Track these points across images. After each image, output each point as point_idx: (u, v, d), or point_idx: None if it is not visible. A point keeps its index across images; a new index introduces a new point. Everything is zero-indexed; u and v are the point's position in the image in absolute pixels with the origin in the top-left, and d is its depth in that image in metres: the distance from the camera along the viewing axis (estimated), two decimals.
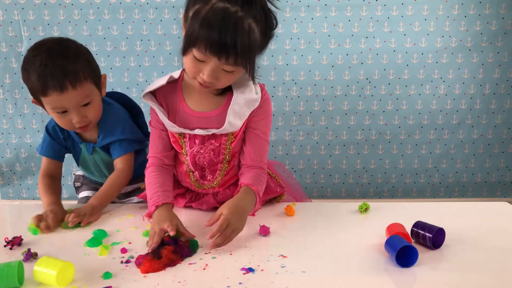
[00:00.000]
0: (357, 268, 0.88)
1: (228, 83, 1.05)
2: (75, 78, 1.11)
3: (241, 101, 1.08)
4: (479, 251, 0.94)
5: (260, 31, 0.97)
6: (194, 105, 1.12)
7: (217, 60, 0.95)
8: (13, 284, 0.81)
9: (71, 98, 1.12)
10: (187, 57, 1.00)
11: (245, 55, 0.95)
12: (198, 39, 0.94)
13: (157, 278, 0.85)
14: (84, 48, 1.21)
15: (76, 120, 1.16)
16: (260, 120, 1.13)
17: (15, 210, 1.23)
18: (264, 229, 1.02)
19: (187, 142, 1.13)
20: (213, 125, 1.11)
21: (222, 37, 0.91)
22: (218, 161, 1.16)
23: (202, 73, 0.98)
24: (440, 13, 2.10)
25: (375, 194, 2.34)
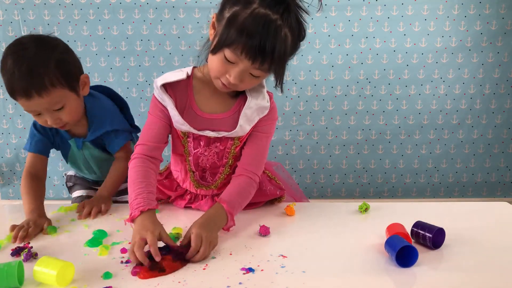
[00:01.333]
0: (357, 268, 0.88)
1: (248, 87, 1.07)
2: (41, 86, 1.08)
3: (253, 106, 1.09)
4: (479, 251, 0.94)
5: (292, 41, 0.99)
6: (203, 105, 1.11)
7: (250, 64, 0.96)
8: (13, 284, 0.81)
9: (38, 104, 1.11)
10: (216, 56, 1.00)
11: (279, 63, 0.98)
12: (235, 42, 0.94)
13: (157, 278, 0.85)
14: (62, 49, 1.17)
15: (50, 123, 1.16)
16: (265, 125, 1.14)
17: (15, 210, 1.23)
18: (264, 229, 1.02)
19: (191, 143, 1.13)
20: (221, 128, 1.10)
21: (262, 43, 0.93)
22: (221, 164, 1.16)
23: (229, 74, 0.99)
24: (440, 13, 2.10)
25: (375, 194, 2.34)
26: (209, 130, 1.10)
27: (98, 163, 1.35)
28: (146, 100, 2.21)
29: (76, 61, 1.21)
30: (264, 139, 1.15)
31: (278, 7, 0.94)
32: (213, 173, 1.17)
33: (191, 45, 2.14)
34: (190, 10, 2.11)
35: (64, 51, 1.17)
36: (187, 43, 2.14)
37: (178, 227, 1.07)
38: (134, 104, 2.21)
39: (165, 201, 1.25)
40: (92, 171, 1.38)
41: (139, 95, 2.21)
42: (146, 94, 2.20)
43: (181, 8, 2.11)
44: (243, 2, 0.95)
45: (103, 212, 1.16)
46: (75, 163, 1.36)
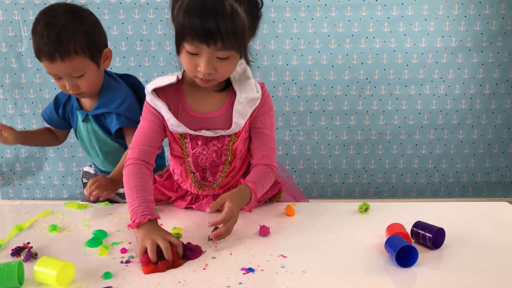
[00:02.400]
0: (357, 268, 0.88)
1: (227, 73, 1.03)
2: (65, 52, 1.16)
3: (244, 100, 1.08)
4: (479, 251, 0.94)
5: (245, 11, 0.95)
6: (196, 106, 1.10)
7: (207, 47, 0.93)
8: (13, 284, 0.81)
9: (60, 68, 1.18)
10: (182, 54, 0.99)
11: (232, 37, 0.93)
12: (185, 32, 0.93)
13: (157, 278, 0.85)
14: (91, 21, 1.24)
15: (68, 87, 1.22)
16: (264, 118, 1.13)
17: (15, 210, 1.23)
18: (264, 229, 1.02)
19: (188, 143, 1.12)
20: (217, 126, 1.10)
21: (204, 23, 0.90)
22: (220, 162, 1.15)
23: (199, 66, 0.97)
24: (440, 13, 2.10)
25: (375, 194, 2.34)
26: (205, 130, 1.09)
27: (100, 144, 1.38)
28: None
29: (102, 35, 1.28)
30: (267, 132, 1.14)
31: None
32: (214, 172, 1.17)
33: None
34: None
35: (93, 23, 1.24)
36: None
37: (178, 227, 1.07)
38: None
39: (165, 202, 1.25)
40: (94, 150, 1.40)
41: None
42: None
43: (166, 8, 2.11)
44: None
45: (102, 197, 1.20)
46: (81, 137, 1.41)
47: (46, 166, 2.32)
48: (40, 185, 2.35)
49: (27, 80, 2.19)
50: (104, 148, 1.39)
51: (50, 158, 2.31)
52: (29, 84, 2.19)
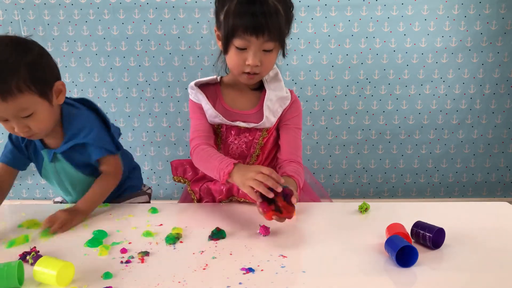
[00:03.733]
0: (357, 268, 0.88)
1: (269, 66, 1.16)
2: (6, 90, 1.00)
3: (273, 97, 1.21)
4: (479, 251, 0.94)
5: (283, 10, 1.10)
6: (232, 103, 1.24)
7: (255, 39, 1.07)
8: (13, 284, 0.81)
9: (3, 110, 1.03)
10: (230, 52, 1.12)
11: (276, 30, 1.08)
12: (236, 28, 1.07)
13: (157, 278, 0.85)
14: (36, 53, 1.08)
15: (17, 130, 1.07)
16: (293, 118, 1.25)
17: (15, 210, 1.23)
18: (264, 229, 1.02)
19: (224, 132, 1.24)
20: (250, 120, 1.22)
21: (254, 18, 1.05)
22: (248, 154, 1.26)
23: (247, 60, 1.10)
24: (440, 13, 2.10)
25: (375, 194, 2.34)
26: (240, 121, 1.22)
27: (72, 181, 1.26)
28: (146, 100, 2.21)
29: (52, 67, 1.12)
30: (295, 131, 1.25)
31: None
32: None
33: (191, 45, 2.14)
34: (190, 10, 2.11)
35: (38, 55, 1.08)
36: (187, 43, 2.14)
37: (178, 227, 1.07)
38: (134, 104, 2.22)
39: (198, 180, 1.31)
40: (65, 189, 1.28)
41: (139, 95, 2.21)
42: (146, 94, 2.20)
43: (181, 8, 2.11)
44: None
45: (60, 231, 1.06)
46: (48, 178, 1.27)
47: None
48: (40, 185, 2.35)
49: None
50: (77, 184, 1.27)
51: None
52: None
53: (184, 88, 2.18)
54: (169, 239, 1.00)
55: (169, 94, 2.19)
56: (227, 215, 1.18)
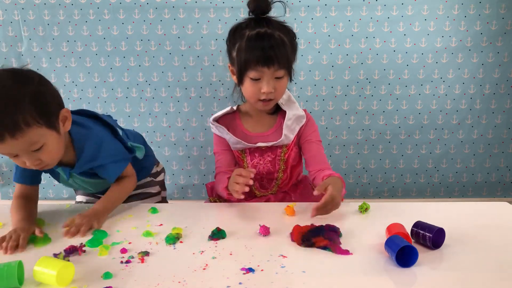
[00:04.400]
0: (357, 268, 0.88)
1: (282, 91, 1.28)
2: (14, 126, 0.97)
3: (292, 117, 1.33)
4: (479, 251, 0.94)
5: (288, 40, 1.23)
6: (251, 128, 1.37)
7: (268, 69, 1.20)
8: (13, 284, 0.81)
9: (13, 146, 1.00)
10: (245, 84, 1.25)
11: (284, 58, 1.21)
12: (249, 62, 1.20)
13: (157, 278, 0.85)
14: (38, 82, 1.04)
15: (29, 164, 1.05)
16: (312, 133, 1.37)
17: None
18: (264, 229, 1.02)
19: (248, 156, 1.36)
20: (269, 140, 1.34)
21: (265, 51, 1.18)
22: (275, 170, 1.37)
23: (262, 88, 1.22)
24: (440, 13, 2.10)
25: (375, 194, 2.34)
26: (260, 142, 1.33)
27: (93, 185, 1.29)
28: (146, 100, 2.20)
29: (55, 94, 1.08)
30: (318, 144, 1.37)
31: (261, 23, 1.21)
32: (270, 179, 1.38)
33: (191, 45, 2.14)
34: (190, 10, 2.11)
35: (40, 83, 1.04)
36: (187, 43, 2.14)
37: (178, 227, 1.07)
38: (134, 104, 2.21)
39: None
40: (88, 190, 1.32)
41: (139, 95, 2.20)
42: (146, 94, 2.20)
43: (181, 8, 2.11)
44: (238, 37, 1.22)
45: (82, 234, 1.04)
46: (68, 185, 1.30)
47: None
48: (40, 185, 2.35)
49: None
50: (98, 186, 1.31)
51: None
52: None
53: (184, 88, 2.18)
54: (169, 239, 1.00)
55: (169, 94, 2.19)
56: (227, 215, 1.18)
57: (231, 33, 1.27)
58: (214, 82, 2.18)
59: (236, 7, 2.09)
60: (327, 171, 1.29)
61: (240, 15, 2.09)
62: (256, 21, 1.23)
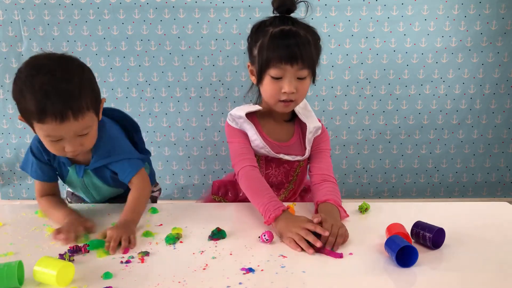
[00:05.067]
0: (357, 268, 0.88)
1: (303, 93, 1.20)
2: (79, 109, 1.00)
3: (312, 129, 1.26)
4: (479, 251, 0.94)
5: (313, 41, 1.18)
6: (270, 134, 1.27)
7: (290, 67, 1.13)
8: (13, 284, 0.81)
9: (70, 128, 1.01)
10: (265, 82, 1.17)
11: (309, 58, 1.15)
12: (272, 59, 1.13)
13: (157, 278, 0.85)
14: (89, 70, 1.08)
15: (70, 150, 1.05)
16: (324, 142, 1.30)
17: (15, 210, 1.23)
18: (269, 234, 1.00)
19: (263, 164, 1.28)
20: (293, 152, 1.27)
21: (288, 48, 1.12)
22: (287, 181, 1.32)
23: (283, 88, 1.15)
24: (440, 13, 2.10)
25: (375, 194, 2.34)
26: (283, 154, 1.26)
27: (99, 191, 1.28)
28: (146, 100, 2.20)
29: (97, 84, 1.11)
30: (326, 152, 1.30)
31: (286, 21, 1.17)
32: (278, 189, 1.32)
33: (191, 45, 2.14)
34: (190, 10, 2.11)
35: (91, 72, 1.08)
36: (187, 43, 2.14)
37: (178, 227, 1.07)
38: (134, 104, 2.21)
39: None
40: (91, 196, 1.28)
41: (139, 95, 2.20)
42: (146, 94, 2.20)
43: (181, 8, 2.11)
44: (261, 34, 1.16)
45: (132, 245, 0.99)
46: (73, 187, 1.28)
47: None
48: None
49: None
50: (103, 193, 1.30)
51: None
52: None
53: (184, 88, 2.18)
54: (169, 239, 1.00)
55: (169, 94, 2.19)
56: (227, 215, 1.18)
57: (253, 30, 1.21)
58: (214, 82, 2.18)
59: (236, 7, 2.09)
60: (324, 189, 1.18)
61: (240, 15, 2.09)
62: (280, 19, 1.18)
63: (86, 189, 1.26)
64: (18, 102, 1.04)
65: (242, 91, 2.18)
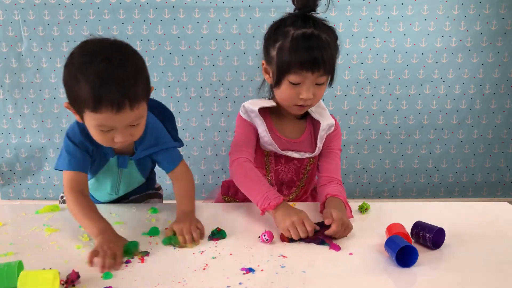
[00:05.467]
0: (357, 268, 0.88)
1: (320, 98, 1.19)
2: (135, 98, 0.95)
3: (325, 127, 1.24)
4: (479, 251, 0.94)
5: (333, 43, 1.14)
6: (282, 130, 1.25)
7: (311, 74, 1.10)
8: (13, 284, 0.81)
9: (125, 118, 0.96)
10: (282, 86, 1.14)
11: (330, 63, 1.12)
12: (292, 64, 1.09)
13: (157, 278, 0.85)
14: (141, 57, 1.03)
15: (120, 140, 1.00)
16: (335, 141, 1.28)
17: (15, 210, 1.23)
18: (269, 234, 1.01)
19: (272, 161, 1.27)
20: (301, 149, 1.26)
21: (311, 54, 1.08)
22: (297, 179, 1.30)
23: (301, 94, 1.13)
24: (440, 13, 2.10)
25: (375, 194, 2.34)
26: (291, 151, 1.25)
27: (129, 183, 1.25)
28: None
29: None
30: (336, 152, 1.28)
31: (308, 23, 1.12)
32: (289, 187, 1.31)
33: (191, 45, 2.14)
34: (190, 10, 2.11)
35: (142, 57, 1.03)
36: (187, 43, 2.14)
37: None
38: None
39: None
40: (115, 189, 1.24)
41: None
42: None
43: (181, 8, 2.11)
44: (281, 35, 1.12)
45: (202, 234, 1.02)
46: (102, 180, 1.22)
47: (46, 166, 2.32)
48: (40, 185, 2.35)
49: (27, 80, 2.19)
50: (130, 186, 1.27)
51: (50, 158, 2.30)
52: (29, 84, 2.19)
53: (184, 88, 2.18)
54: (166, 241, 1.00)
55: (169, 94, 2.19)
56: (227, 215, 1.18)
57: (272, 29, 1.17)
58: (214, 82, 2.18)
59: (236, 7, 2.09)
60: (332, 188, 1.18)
61: (240, 15, 2.09)
62: (301, 19, 1.13)
63: (116, 182, 1.22)
64: (70, 89, 0.98)
65: (242, 91, 2.18)
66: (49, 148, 2.29)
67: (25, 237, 1.03)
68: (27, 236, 1.04)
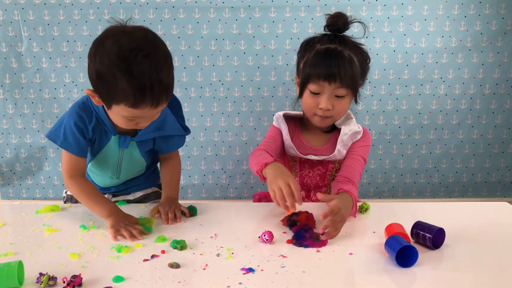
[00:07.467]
0: (357, 268, 0.88)
1: (342, 112, 1.24)
2: (170, 93, 1.01)
3: (348, 132, 1.28)
4: (479, 251, 0.94)
5: (358, 62, 1.20)
6: (308, 139, 1.33)
7: (328, 84, 1.17)
8: (13, 284, 0.81)
9: (158, 111, 1.02)
10: (304, 95, 1.22)
11: (349, 78, 1.17)
12: (312, 75, 1.18)
13: (157, 278, 0.85)
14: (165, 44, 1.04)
15: (145, 125, 1.07)
16: (360, 147, 1.30)
17: (15, 210, 1.23)
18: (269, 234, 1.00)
19: (297, 165, 1.33)
20: (322, 154, 1.31)
21: (327, 65, 1.16)
22: (323, 185, 1.34)
23: (320, 104, 1.19)
24: (440, 13, 2.10)
25: (375, 194, 2.34)
26: (312, 155, 1.30)
27: (130, 166, 1.26)
28: None
29: None
30: (359, 158, 1.28)
31: (335, 40, 1.21)
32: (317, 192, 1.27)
33: (191, 45, 2.14)
34: (190, 10, 2.11)
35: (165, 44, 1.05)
36: (187, 43, 2.14)
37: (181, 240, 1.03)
38: None
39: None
40: (115, 172, 1.25)
41: None
42: None
43: (181, 8, 2.11)
44: (309, 49, 1.22)
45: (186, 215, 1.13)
46: (104, 160, 1.21)
47: (46, 166, 2.32)
48: (40, 185, 2.35)
49: (27, 80, 2.19)
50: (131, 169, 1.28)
51: (50, 158, 2.31)
52: (29, 84, 2.19)
53: (185, 88, 2.18)
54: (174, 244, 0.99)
55: None
56: (227, 215, 1.18)
57: (302, 46, 1.28)
58: (214, 82, 2.18)
59: (236, 7, 2.09)
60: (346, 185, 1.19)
61: (240, 15, 2.09)
62: (329, 37, 1.23)
63: (117, 163, 1.23)
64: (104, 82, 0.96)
65: (242, 91, 2.18)
66: (49, 148, 2.29)
67: (25, 237, 1.03)
68: (27, 236, 1.04)
